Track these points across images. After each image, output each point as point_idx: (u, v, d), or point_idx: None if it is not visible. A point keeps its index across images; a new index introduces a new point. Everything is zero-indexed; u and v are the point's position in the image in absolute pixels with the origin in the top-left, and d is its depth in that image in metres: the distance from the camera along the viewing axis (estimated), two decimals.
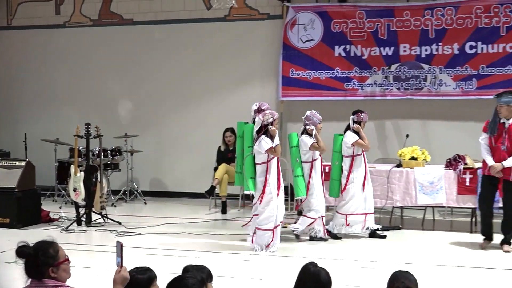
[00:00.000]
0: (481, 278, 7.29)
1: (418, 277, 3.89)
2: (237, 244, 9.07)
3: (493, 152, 8.47)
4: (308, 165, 9.03)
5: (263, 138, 8.43)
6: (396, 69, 11.97)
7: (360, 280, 7.10)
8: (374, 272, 7.31)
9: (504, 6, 11.34)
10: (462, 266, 7.80)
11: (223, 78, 13.10)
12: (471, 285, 7.05)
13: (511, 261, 7.99)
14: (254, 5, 12.91)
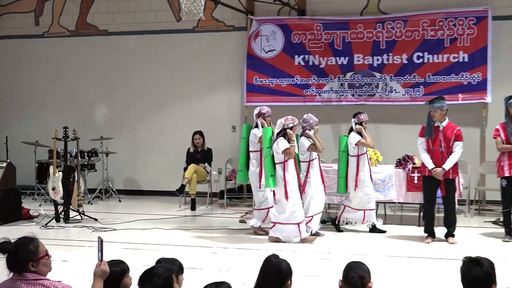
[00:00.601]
0: (430, 268, 7.36)
1: (371, 267, 3.95)
2: (205, 238, 9.07)
3: (432, 155, 8.51)
4: (305, 164, 9.04)
5: (281, 140, 8.53)
6: (351, 77, 12.07)
7: (319, 270, 7.15)
8: (331, 262, 7.37)
9: (448, 20, 11.51)
10: (412, 257, 7.87)
11: (192, 85, 13.08)
12: (420, 274, 7.08)
13: (456, 251, 8.07)
14: (220, 18, 12.92)
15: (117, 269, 3.98)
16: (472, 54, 11.43)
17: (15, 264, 3.72)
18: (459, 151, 8.52)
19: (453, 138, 8.48)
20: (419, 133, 8.71)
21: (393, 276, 6.90)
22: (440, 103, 8.52)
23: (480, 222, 9.87)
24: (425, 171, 8.65)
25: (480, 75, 11.38)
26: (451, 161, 8.46)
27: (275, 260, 3.86)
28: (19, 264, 3.71)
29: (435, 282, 6.70)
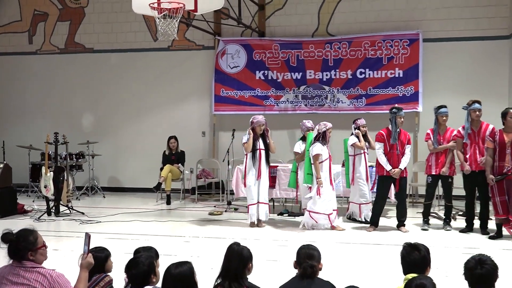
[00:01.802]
0: (379, 252, 7.43)
1: (323, 251, 3.98)
2: (179, 228, 9.03)
3: (389, 157, 8.55)
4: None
5: (315, 145, 8.62)
6: (304, 90, 12.15)
7: (277, 255, 7.17)
8: (288, 248, 7.38)
9: (386, 41, 11.68)
10: (361, 243, 7.93)
11: (168, 96, 13.03)
12: (369, 258, 7.14)
13: (395, 238, 8.18)
14: (192, 38, 12.91)
15: (102, 255, 4.06)
16: (406, 70, 11.60)
17: (15, 253, 3.68)
18: (409, 152, 8.68)
19: (406, 143, 8.62)
20: (377, 139, 8.72)
21: (342, 259, 6.97)
22: (404, 111, 8.65)
23: (413, 213, 9.97)
24: (383, 172, 8.67)
25: (413, 88, 11.55)
26: (405, 162, 8.58)
27: (237, 247, 3.85)
28: (20, 252, 3.67)
29: (377, 264, 6.78)
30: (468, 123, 8.37)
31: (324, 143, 8.74)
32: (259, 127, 8.95)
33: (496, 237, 8.06)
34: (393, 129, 8.55)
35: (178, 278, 3.48)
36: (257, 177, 8.96)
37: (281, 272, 5.39)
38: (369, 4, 12.01)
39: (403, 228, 8.71)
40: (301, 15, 12.36)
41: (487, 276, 3.47)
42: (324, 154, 8.71)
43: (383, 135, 8.65)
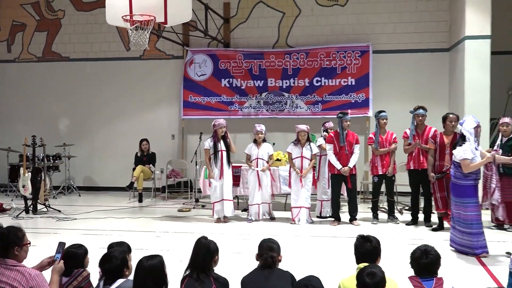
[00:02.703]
0: (335, 244, 7.49)
1: (282, 244, 3.99)
2: (150, 224, 8.94)
3: (339, 157, 8.67)
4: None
5: (289, 145, 9.09)
6: (265, 96, 12.17)
7: (240, 248, 7.17)
8: (250, 241, 7.39)
9: (339, 52, 11.80)
10: (319, 236, 7.99)
11: (139, 102, 12.89)
12: (325, 249, 7.20)
13: (356, 231, 8.28)
14: (162, 48, 12.80)
15: (80, 251, 3.99)
16: (358, 79, 11.73)
17: (3, 247, 3.57)
18: (358, 152, 8.79)
19: (354, 143, 8.72)
20: (327, 141, 8.85)
21: (301, 251, 7.00)
22: (349, 115, 8.76)
23: (365, 208, 10.08)
24: (334, 171, 8.76)
25: (364, 95, 11.69)
26: (353, 160, 8.70)
27: (204, 241, 3.85)
28: (7, 246, 3.57)
29: (333, 255, 6.83)
30: (413, 126, 8.54)
31: (296, 143, 8.90)
32: (221, 129, 8.95)
33: (438, 229, 8.22)
34: (340, 131, 8.69)
35: (149, 270, 3.45)
36: (219, 176, 8.94)
37: (244, 263, 5.38)
38: (324, 19, 12.13)
39: (355, 222, 8.81)
40: (263, 28, 12.40)
41: (431, 265, 3.54)
42: (294, 153, 8.88)
43: (332, 137, 8.81)
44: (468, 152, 6.50)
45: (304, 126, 8.94)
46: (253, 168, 9.11)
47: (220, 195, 9.00)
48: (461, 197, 6.66)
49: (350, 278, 3.55)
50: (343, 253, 6.63)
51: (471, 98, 10.03)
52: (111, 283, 3.57)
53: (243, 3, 12.47)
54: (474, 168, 6.57)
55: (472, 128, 6.61)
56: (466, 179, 6.62)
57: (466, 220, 6.64)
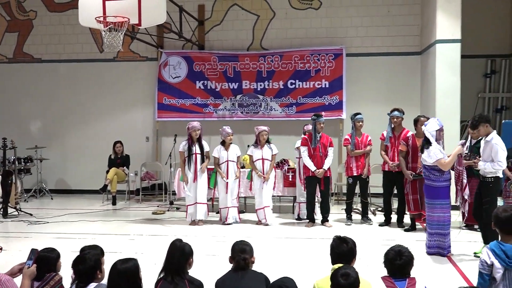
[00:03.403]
0: (310, 246, 7.52)
1: (257, 246, 3.99)
2: (124, 227, 8.85)
3: (313, 159, 8.72)
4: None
5: (250, 147, 9.19)
6: (240, 98, 12.16)
7: (215, 250, 7.16)
8: (225, 244, 7.38)
9: (313, 55, 11.87)
10: (293, 238, 8.03)
11: (114, 103, 12.76)
12: (300, 251, 7.23)
13: (330, 232, 8.31)
14: (136, 50, 12.69)
15: (53, 255, 3.94)
16: (332, 82, 11.81)
17: None
18: (332, 154, 8.84)
19: (328, 145, 8.77)
20: (302, 143, 8.86)
21: (276, 252, 7.00)
22: (323, 118, 8.81)
23: (339, 209, 10.14)
24: (308, 172, 8.79)
25: (337, 98, 11.78)
26: (328, 163, 8.74)
27: (179, 243, 3.83)
28: None
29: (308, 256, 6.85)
30: (390, 128, 8.64)
31: (256, 145, 8.86)
32: (194, 132, 8.92)
33: (410, 230, 8.33)
34: (313, 133, 8.73)
35: (123, 274, 3.42)
36: (193, 179, 8.90)
37: (219, 266, 5.36)
38: (298, 22, 12.20)
39: (327, 224, 8.87)
40: (237, 31, 12.40)
41: (405, 265, 3.58)
42: (255, 155, 8.87)
43: (306, 139, 8.84)
44: (438, 152, 6.63)
45: (264, 127, 9.00)
46: (224, 180, 9.02)
47: (193, 198, 8.96)
48: (435, 198, 6.77)
49: (325, 279, 3.56)
50: (318, 254, 6.66)
51: (442, 101, 10.19)
52: (84, 287, 3.53)
53: (217, 5, 12.45)
54: (451, 162, 6.70)
55: (434, 131, 6.73)
56: (439, 181, 6.73)
57: (439, 222, 6.75)
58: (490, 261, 3.68)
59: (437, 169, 6.70)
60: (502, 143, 6.59)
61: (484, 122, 6.67)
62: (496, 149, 6.48)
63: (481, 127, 6.67)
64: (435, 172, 6.71)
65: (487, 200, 6.60)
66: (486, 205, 6.59)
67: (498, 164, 6.49)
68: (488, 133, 6.64)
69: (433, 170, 6.72)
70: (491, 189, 6.61)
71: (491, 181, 6.59)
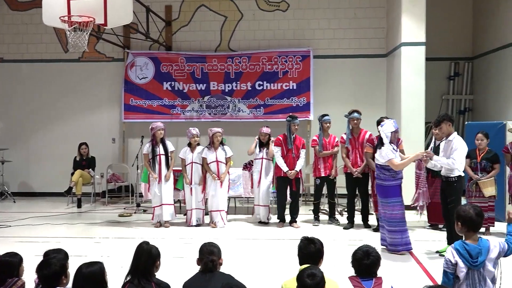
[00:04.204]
0: (278, 246, 7.53)
1: (224, 248, 3.97)
2: (90, 230, 8.72)
3: (286, 160, 8.76)
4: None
5: (203, 150, 9.04)
6: (208, 100, 12.13)
7: (183, 252, 7.11)
8: (192, 246, 7.33)
9: (281, 57, 11.92)
10: (261, 239, 8.03)
11: (79, 105, 12.56)
12: (268, 251, 7.23)
13: (298, 233, 8.34)
14: (102, 50, 12.53)
15: (15, 260, 3.86)
16: (299, 83, 11.89)
17: None
18: (304, 156, 8.89)
19: (301, 147, 8.82)
20: (275, 143, 8.88)
21: (244, 254, 6.99)
22: (298, 120, 8.84)
23: (306, 210, 10.19)
24: (280, 173, 8.83)
25: (305, 99, 11.86)
26: (300, 164, 8.79)
27: (146, 246, 3.79)
28: None
29: (275, 257, 6.86)
30: (349, 130, 8.72)
31: (210, 147, 8.88)
32: (159, 132, 8.86)
33: (377, 230, 8.42)
34: (288, 135, 8.75)
35: (89, 278, 3.36)
36: (158, 180, 8.83)
37: (186, 268, 5.32)
38: (266, 23, 12.24)
39: (295, 224, 8.93)
40: (205, 32, 12.37)
41: (372, 265, 3.62)
42: (210, 157, 8.87)
43: (280, 140, 8.88)
44: (389, 152, 6.78)
45: (218, 129, 9.01)
46: (190, 186, 8.97)
47: (159, 200, 8.88)
48: (386, 197, 6.91)
49: (293, 280, 3.57)
50: (287, 255, 6.68)
51: (407, 102, 10.35)
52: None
53: (185, 6, 12.39)
54: (404, 164, 6.87)
55: (390, 132, 6.85)
56: (390, 180, 6.89)
57: (390, 219, 6.91)
58: (454, 260, 3.75)
59: (389, 169, 6.85)
60: (463, 144, 6.73)
61: (447, 120, 6.82)
62: (456, 147, 6.63)
63: (444, 124, 6.82)
64: (386, 171, 6.86)
65: (452, 199, 6.73)
66: (451, 204, 6.72)
67: (451, 161, 6.61)
68: (449, 133, 6.79)
69: (385, 170, 6.88)
70: (455, 188, 6.75)
71: (455, 180, 6.72)
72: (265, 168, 9.06)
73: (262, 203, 9.09)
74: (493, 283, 3.78)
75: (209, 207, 9.03)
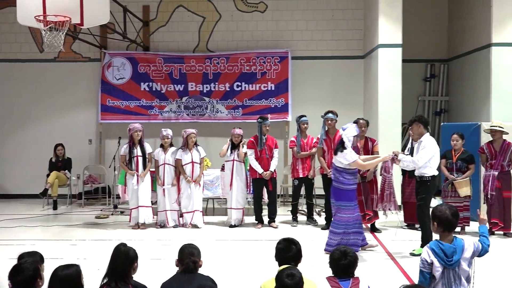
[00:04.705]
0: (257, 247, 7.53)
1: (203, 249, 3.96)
2: (66, 232, 8.61)
3: (260, 161, 8.79)
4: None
5: (177, 151, 9.02)
6: (186, 100, 12.09)
7: (160, 254, 7.07)
8: (170, 247, 7.30)
9: (259, 58, 11.94)
10: (240, 240, 8.03)
11: (55, 105, 12.41)
12: (247, 252, 7.24)
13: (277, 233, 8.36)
14: (78, 50, 12.40)
15: None
16: (277, 84, 11.92)
17: None
18: (277, 156, 8.94)
19: (273, 147, 8.85)
20: (247, 146, 8.90)
21: (223, 255, 6.98)
22: (269, 120, 8.87)
23: (284, 211, 10.20)
24: (255, 175, 8.84)
25: (283, 100, 11.89)
26: (274, 164, 8.83)
27: (123, 248, 3.76)
28: None
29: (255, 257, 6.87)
30: (323, 130, 8.75)
31: (184, 148, 8.86)
32: (136, 133, 8.81)
33: None
34: (259, 136, 8.81)
35: (65, 280, 3.32)
36: (136, 182, 8.78)
37: (164, 269, 5.30)
38: (244, 24, 12.25)
39: (273, 224, 8.96)
40: (183, 32, 12.33)
41: (349, 266, 3.65)
42: (185, 158, 8.84)
43: (252, 142, 8.90)
44: (353, 154, 6.83)
45: (192, 130, 9.01)
46: (163, 187, 8.94)
47: (136, 202, 8.84)
48: (341, 200, 6.95)
49: (271, 281, 3.58)
50: (265, 256, 6.68)
51: (384, 104, 10.46)
52: None
53: (163, 6, 12.34)
54: (370, 165, 7.02)
55: (352, 136, 6.92)
56: (347, 184, 6.93)
57: (336, 221, 6.95)
58: (430, 259, 3.80)
59: (349, 172, 6.90)
60: (431, 144, 6.82)
61: (418, 121, 6.91)
62: (423, 147, 6.73)
63: (415, 125, 6.95)
64: (346, 175, 6.90)
65: (422, 197, 6.85)
66: (420, 202, 6.85)
67: (416, 159, 6.72)
68: (421, 134, 6.88)
69: (345, 173, 6.90)
70: (427, 187, 6.85)
71: (428, 180, 6.82)
72: (236, 170, 8.99)
73: (235, 206, 9.04)
74: (467, 282, 3.84)
75: (184, 208, 8.98)
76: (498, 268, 5.92)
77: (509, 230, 8.16)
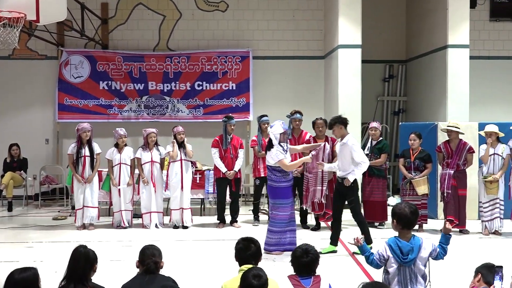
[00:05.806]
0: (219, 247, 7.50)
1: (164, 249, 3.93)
2: (21, 234, 8.39)
3: (224, 161, 8.78)
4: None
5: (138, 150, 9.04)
6: (146, 100, 11.97)
7: (121, 255, 6.99)
8: (132, 248, 7.22)
9: (220, 57, 11.93)
10: (202, 240, 8.01)
11: (10, 104, 12.09)
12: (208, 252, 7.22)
13: (239, 233, 8.35)
14: (34, 48, 12.11)
15: None
16: (239, 84, 11.94)
17: None
18: (242, 156, 8.95)
19: (238, 147, 8.85)
20: (213, 145, 8.91)
21: (184, 256, 6.94)
22: (234, 120, 8.86)
23: (246, 210, 10.18)
24: (219, 174, 8.82)
25: (244, 100, 11.91)
26: (238, 164, 8.84)
27: (83, 249, 3.70)
28: None
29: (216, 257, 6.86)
30: (290, 130, 8.81)
31: (145, 147, 8.83)
32: (84, 134, 8.67)
33: (316, 229, 8.59)
34: (224, 135, 8.81)
35: (21, 284, 3.24)
36: (83, 182, 8.64)
37: (125, 271, 5.23)
38: (205, 23, 12.21)
39: (236, 224, 8.97)
40: (143, 31, 12.19)
41: (311, 263, 3.69)
42: (144, 157, 8.79)
43: (217, 141, 8.90)
44: (279, 153, 6.92)
45: (153, 129, 8.95)
46: (118, 187, 8.82)
47: (81, 202, 8.71)
48: (276, 198, 7.03)
49: (233, 280, 3.58)
50: (227, 256, 6.66)
51: (344, 104, 10.60)
52: None
53: (122, 4, 12.17)
54: (294, 165, 7.12)
55: (278, 134, 7.02)
56: (281, 182, 7.01)
57: (273, 219, 7.03)
58: (386, 255, 3.92)
59: (279, 170, 6.99)
60: (357, 143, 7.03)
61: (339, 123, 7.00)
62: (355, 150, 6.85)
63: (336, 127, 7.01)
64: (277, 173, 6.99)
65: (351, 199, 6.97)
66: (351, 204, 6.97)
67: (362, 164, 6.85)
68: (343, 135, 6.98)
69: (275, 171, 7.00)
70: (352, 189, 6.96)
71: (353, 181, 6.92)
72: (185, 169, 8.86)
73: (186, 206, 8.89)
74: (424, 280, 3.94)
75: (144, 208, 8.87)
76: (454, 265, 6.07)
77: (464, 227, 8.39)
